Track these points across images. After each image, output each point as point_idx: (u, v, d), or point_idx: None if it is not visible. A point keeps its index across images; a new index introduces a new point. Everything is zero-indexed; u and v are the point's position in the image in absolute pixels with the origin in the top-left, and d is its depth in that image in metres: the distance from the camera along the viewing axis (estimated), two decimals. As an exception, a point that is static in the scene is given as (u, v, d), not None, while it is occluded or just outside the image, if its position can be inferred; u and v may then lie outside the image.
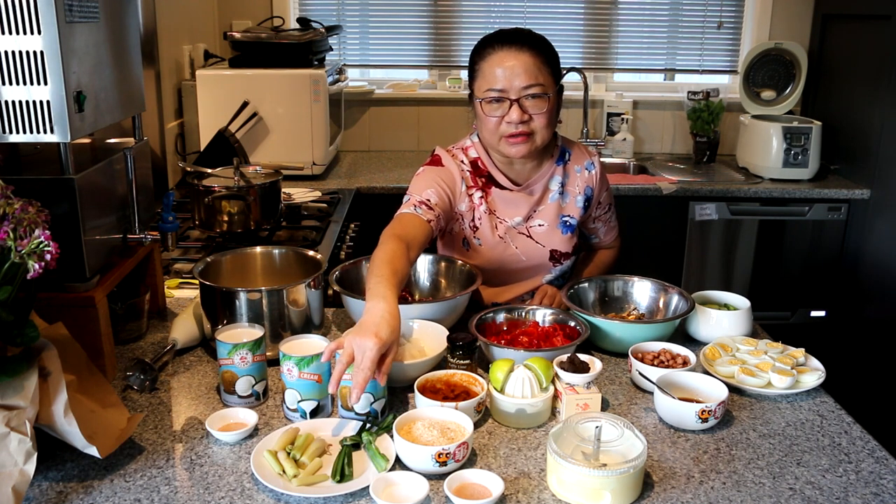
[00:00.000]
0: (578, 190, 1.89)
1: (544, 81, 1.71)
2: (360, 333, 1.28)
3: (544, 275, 1.91)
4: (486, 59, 1.73)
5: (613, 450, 1.16)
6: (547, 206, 1.87)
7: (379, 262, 1.48)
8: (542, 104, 1.71)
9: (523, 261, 1.87)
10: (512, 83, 1.69)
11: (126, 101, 1.56)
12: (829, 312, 3.29)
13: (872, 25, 3.12)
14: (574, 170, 1.89)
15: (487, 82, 1.71)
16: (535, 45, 1.72)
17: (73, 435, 1.14)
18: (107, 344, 1.45)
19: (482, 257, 1.85)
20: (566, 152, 1.89)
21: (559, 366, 1.37)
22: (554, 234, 1.88)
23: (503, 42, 1.72)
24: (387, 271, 1.45)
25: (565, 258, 1.90)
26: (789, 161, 3.22)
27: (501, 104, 1.71)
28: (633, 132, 3.67)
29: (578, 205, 1.89)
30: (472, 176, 1.83)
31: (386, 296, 1.37)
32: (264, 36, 2.97)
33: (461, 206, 1.83)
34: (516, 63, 1.69)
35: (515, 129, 1.71)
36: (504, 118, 1.71)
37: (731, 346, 1.57)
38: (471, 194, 1.83)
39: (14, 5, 1.23)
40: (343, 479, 1.15)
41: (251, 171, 2.33)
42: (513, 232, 1.86)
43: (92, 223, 1.41)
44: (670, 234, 3.18)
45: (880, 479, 1.20)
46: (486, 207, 1.83)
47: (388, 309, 1.33)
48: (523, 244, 1.86)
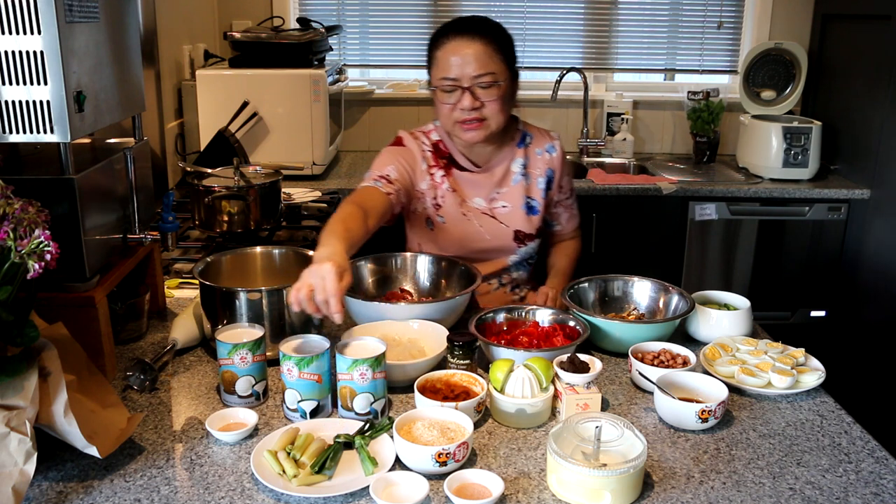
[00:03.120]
0: (540, 172, 1.94)
1: (496, 69, 1.76)
2: (313, 264, 1.33)
3: (509, 255, 1.95)
4: (440, 48, 1.79)
5: (613, 450, 1.16)
6: (510, 188, 1.92)
7: (332, 221, 1.52)
8: (494, 92, 1.77)
9: (487, 239, 1.91)
10: (464, 71, 1.75)
11: (126, 101, 1.56)
12: (829, 312, 3.29)
13: (872, 25, 3.12)
14: (535, 152, 1.95)
15: (441, 71, 1.77)
16: (488, 34, 1.77)
17: (73, 435, 1.14)
18: (107, 344, 1.45)
19: (446, 235, 1.89)
20: (527, 136, 1.95)
21: (559, 366, 1.37)
22: (517, 214, 1.92)
23: (457, 31, 1.78)
24: (339, 228, 1.49)
25: (529, 239, 1.95)
26: (789, 161, 3.22)
27: (455, 92, 1.77)
28: (633, 132, 3.67)
29: (540, 186, 1.94)
30: (433, 156, 1.89)
31: (334, 244, 1.41)
32: (264, 36, 2.97)
33: (422, 184, 1.88)
34: (468, 52, 1.75)
35: (468, 115, 1.77)
36: (457, 105, 1.77)
37: (731, 346, 1.57)
38: (432, 173, 1.88)
39: (14, 5, 1.23)
40: (321, 471, 1.16)
41: (251, 171, 2.33)
42: (476, 211, 1.90)
43: (92, 223, 1.41)
44: (670, 234, 3.18)
45: (880, 479, 1.20)
46: (448, 185, 1.87)
47: (335, 249, 1.38)
48: (487, 223, 1.90)
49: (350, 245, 1.46)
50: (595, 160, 3.57)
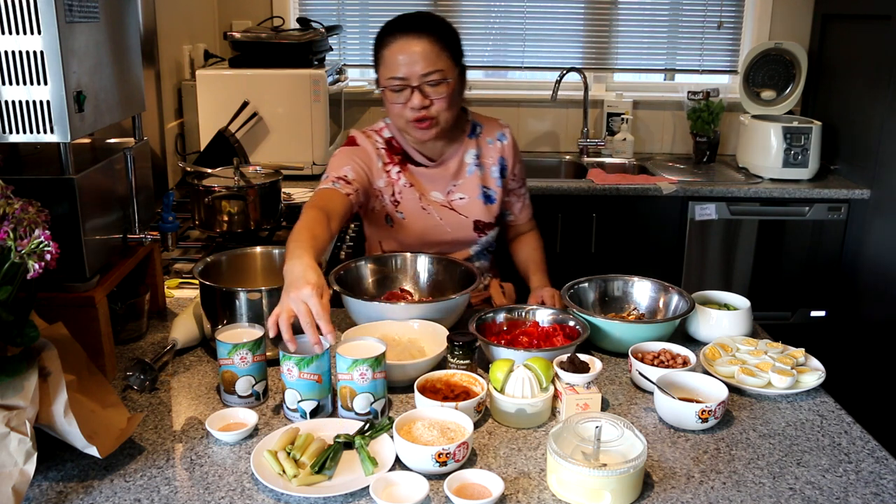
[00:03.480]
0: (493, 161, 1.95)
1: (443, 66, 1.76)
2: (290, 290, 1.31)
3: (471, 245, 1.96)
4: (387, 47, 1.78)
5: (613, 450, 1.16)
6: (466, 179, 1.93)
7: (297, 230, 1.51)
8: (443, 89, 1.77)
9: (448, 231, 1.92)
10: (412, 70, 1.75)
11: (126, 101, 1.56)
12: (829, 312, 3.29)
13: (872, 25, 3.12)
14: (486, 142, 1.96)
15: (389, 70, 1.77)
16: (434, 31, 1.77)
17: (73, 435, 1.14)
18: (107, 344, 1.45)
19: (407, 231, 1.90)
20: (477, 126, 1.96)
21: (559, 366, 1.37)
22: (475, 205, 1.93)
23: (403, 30, 1.77)
24: (305, 236, 1.48)
25: (489, 228, 1.96)
26: (789, 161, 3.22)
27: (404, 91, 1.77)
28: (633, 132, 3.66)
29: (494, 175, 1.95)
30: (387, 153, 1.89)
31: (302, 256, 1.39)
32: (264, 36, 2.97)
33: (379, 182, 1.88)
34: (416, 50, 1.74)
35: (418, 114, 1.77)
36: (407, 104, 1.77)
37: (731, 346, 1.57)
38: (388, 170, 1.88)
39: (14, 5, 1.23)
40: (321, 471, 1.16)
41: (251, 171, 2.33)
42: (435, 204, 1.90)
43: (92, 223, 1.41)
44: (670, 234, 3.18)
45: (880, 479, 1.20)
46: (405, 181, 1.87)
47: (306, 262, 1.37)
48: (447, 216, 1.91)
49: (318, 253, 1.45)
50: (595, 160, 3.57)
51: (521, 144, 3.72)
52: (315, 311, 1.29)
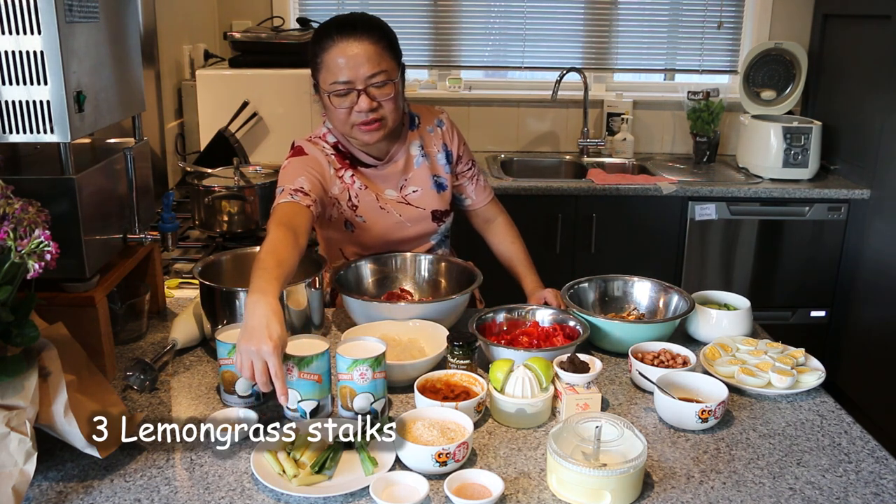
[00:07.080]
0: (437, 149, 1.94)
1: (387, 67, 1.72)
2: (251, 341, 1.25)
3: (431, 235, 1.95)
4: (327, 51, 1.72)
5: (613, 450, 1.16)
6: (415, 171, 1.91)
7: (263, 254, 1.43)
8: (389, 90, 1.73)
9: (408, 227, 1.90)
10: (357, 73, 1.69)
11: (126, 101, 1.56)
12: (829, 312, 3.29)
13: (872, 25, 3.12)
14: (427, 130, 1.95)
15: (332, 74, 1.71)
16: (374, 31, 1.73)
17: (73, 435, 1.14)
18: (107, 344, 1.45)
19: (369, 234, 1.87)
20: (415, 117, 1.95)
21: (559, 366, 1.37)
22: (429, 195, 1.92)
23: (342, 32, 1.71)
24: (270, 262, 1.40)
25: (446, 216, 1.96)
26: (789, 161, 3.22)
27: (349, 95, 1.72)
28: (633, 132, 3.66)
29: (441, 162, 1.94)
30: (337, 158, 1.85)
31: (266, 290, 1.32)
32: (264, 36, 2.97)
33: (333, 189, 1.83)
34: (359, 52, 1.69)
35: (366, 117, 1.72)
36: (354, 108, 1.72)
37: (731, 346, 1.57)
38: (341, 176, 1.84)
39: (14, 5, 1.23)
40: (321, 471, 1.16)
41: (251, 171, 2.33)
42: (392, 202, 1.88)
43: (92, 223, 1.41)
44: (670, 234, 3.18)
45: (880, 479, 1.20)
46: (360, 184, 1.85)
47: (269, 305, 1.29)
48: (405, 211, 1.90)
49: (284, 282, 1.40)
50: (595, 160, 3.57)
51: (521, 144, 3.75)
52: (273, 371, 1.24)
